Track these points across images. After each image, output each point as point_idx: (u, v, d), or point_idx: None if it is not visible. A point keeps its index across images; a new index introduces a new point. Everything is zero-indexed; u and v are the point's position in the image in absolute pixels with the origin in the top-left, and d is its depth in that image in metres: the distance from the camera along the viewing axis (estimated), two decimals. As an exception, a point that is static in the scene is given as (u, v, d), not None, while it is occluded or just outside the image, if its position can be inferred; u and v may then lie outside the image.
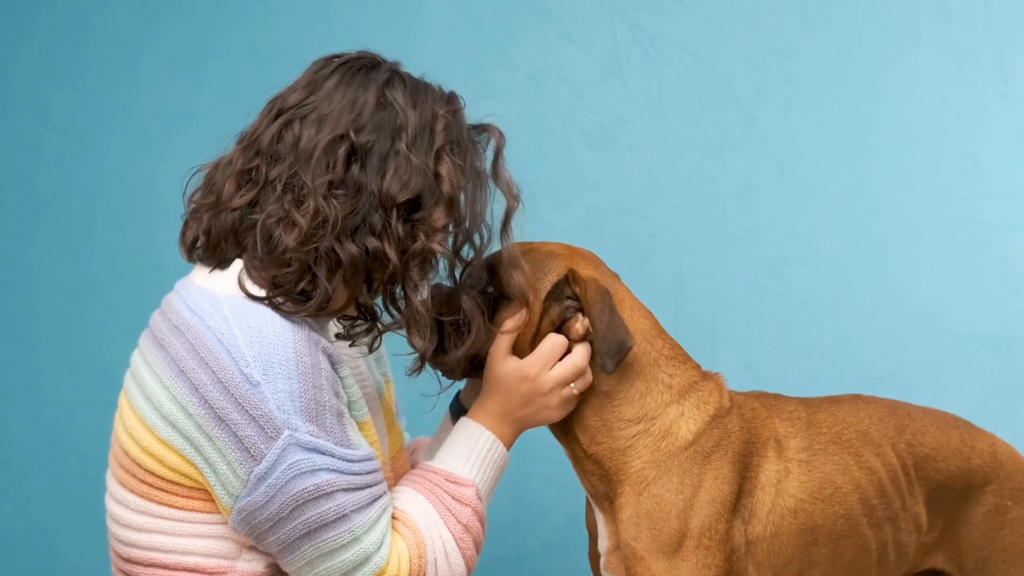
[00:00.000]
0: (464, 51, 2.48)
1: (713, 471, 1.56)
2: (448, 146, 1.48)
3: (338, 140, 1.45)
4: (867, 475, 1.65)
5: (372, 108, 1.45)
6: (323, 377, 1.42)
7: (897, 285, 2.34)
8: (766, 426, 1.63)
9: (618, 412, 1.59)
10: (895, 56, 2.36)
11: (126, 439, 1.48)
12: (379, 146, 1.45)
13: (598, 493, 1.63)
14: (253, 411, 1.39)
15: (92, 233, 2.61)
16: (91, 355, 2.58)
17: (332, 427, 1.43)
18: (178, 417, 1.42)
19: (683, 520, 1.55)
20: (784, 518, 1.59)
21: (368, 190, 1.44)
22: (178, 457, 1.44)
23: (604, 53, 2.44)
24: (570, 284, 1.58)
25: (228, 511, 1.44)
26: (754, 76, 2.40)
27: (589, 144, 2.45)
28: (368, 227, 1.44)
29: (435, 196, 1.46)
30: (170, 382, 1.43)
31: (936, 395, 2.12)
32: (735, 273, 2.39)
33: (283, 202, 1.43)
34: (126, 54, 2.62)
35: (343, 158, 1.43)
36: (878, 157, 2.36)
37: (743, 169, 2.40)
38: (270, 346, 1.40)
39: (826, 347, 2.35)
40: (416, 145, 1.46)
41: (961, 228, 2.33)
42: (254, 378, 1.39)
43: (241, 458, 1.40)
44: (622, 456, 1.58)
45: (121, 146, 2.61)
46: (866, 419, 1.69)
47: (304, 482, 1.41)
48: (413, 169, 1.45)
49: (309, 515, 1.42)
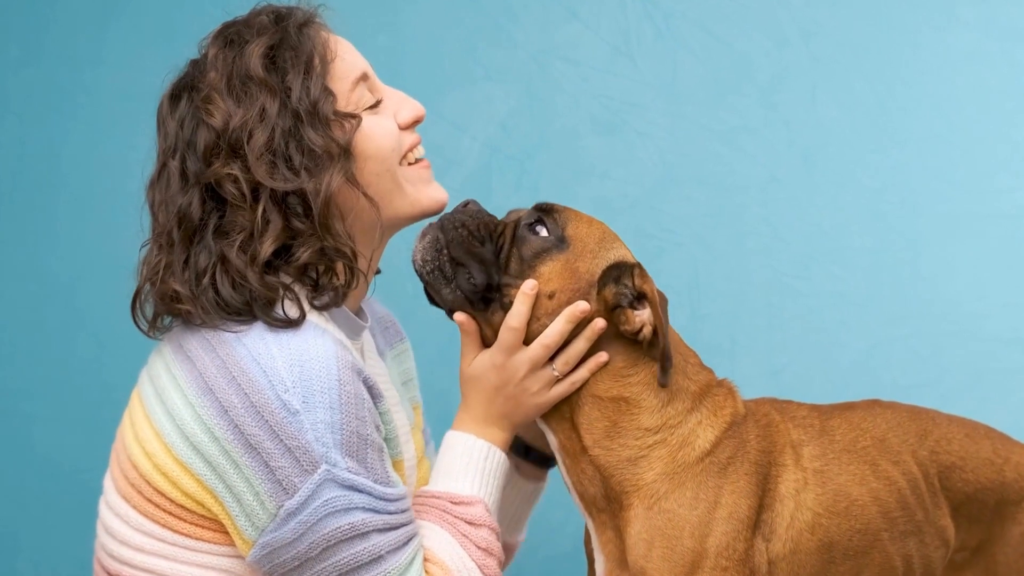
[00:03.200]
0: (459, 28, 2.47)
1: (731, 484, 1.55)
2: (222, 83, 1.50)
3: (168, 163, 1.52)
4: (885, 485, 1.62)
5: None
6: (365, 409, 1.43)
7: (933, 285, 2.33)
8: (781, 432, 1.61)
9: (637, 420, 1.56)
10: (930, 34, 2.35)
11: (137, 452, 1.47)
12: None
13: (588, 497, 1.60)
14: (289, 441, 1.38)
15: (53, 228, 2.58)
16: (52, 359, 2.55)
17: (373, 463, 1.44)
18: (202, 439, 1.42)
19: (699, 538, 1.52)
20: (802, 534, 1.57)
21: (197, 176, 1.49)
22: (195, 483, 1.43)
23: (613, 31, 2.44)
24: (634, 276, 1.56)
25: (249, 545, 1.43)
26: (776, 56, 2.39)
27: (596, 130, 2.44)
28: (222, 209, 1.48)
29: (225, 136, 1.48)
30: (196, 400, 1.42)
31: (976, 405, 2.09)
32: (756, 272, 2.38)
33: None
34: (89, 29, 2.58)
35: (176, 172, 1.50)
36: (911, 145, 2.35)
37: (764, 158, 2.39)
38: (312, 372, 1.40)
39: (856, 353, 2.35)
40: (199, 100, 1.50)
41: (1002, 222, 2.31)
42: (293, 406, 1.38)
43: (272, 490, 1.40)
44: (632, 467, 1.55)
45: (84, 132, 2.58)
46: (883, 424, 1.67)
47: (338, 521, 1.41)
48: (206, 132, 1.48)
49: (341, 556, 1.42)
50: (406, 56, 2.45)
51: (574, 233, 1.56)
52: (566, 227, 1.56)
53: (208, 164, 1.46)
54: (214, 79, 1.48)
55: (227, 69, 1.48)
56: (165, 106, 1.52)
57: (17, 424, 2.56)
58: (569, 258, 1.56)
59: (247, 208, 1.45)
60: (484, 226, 1.56)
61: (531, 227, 1.56)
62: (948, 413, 1.75)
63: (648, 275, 1.57)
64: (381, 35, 2.46)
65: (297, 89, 1.46)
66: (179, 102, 1.50)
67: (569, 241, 1.56)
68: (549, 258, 1.55)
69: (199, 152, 1.47)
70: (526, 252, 1.55)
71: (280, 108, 1.46)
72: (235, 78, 1.47)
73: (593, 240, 1.57)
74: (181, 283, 1.46)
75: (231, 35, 1.51)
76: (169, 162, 1.49)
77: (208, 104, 1.47)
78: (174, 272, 1.46)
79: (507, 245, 1.55)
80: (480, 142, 2.43)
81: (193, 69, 1.52)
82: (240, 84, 1.47)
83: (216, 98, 1.46)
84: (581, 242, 1.56)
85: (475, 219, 1.56)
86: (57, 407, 2.50)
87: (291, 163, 1.46)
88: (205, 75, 1.49)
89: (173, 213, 1.47)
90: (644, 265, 1.59)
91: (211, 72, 1.48)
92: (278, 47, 1.49)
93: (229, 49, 1.49)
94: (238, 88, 1.47)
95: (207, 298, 1.44)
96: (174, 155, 1.49)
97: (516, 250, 1.55)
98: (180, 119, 1.49)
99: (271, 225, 1.45)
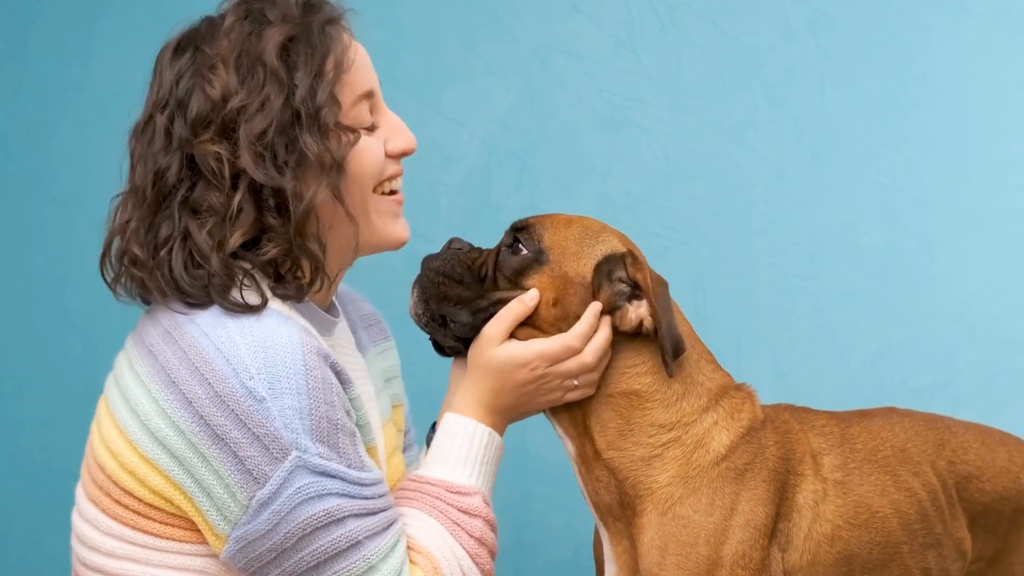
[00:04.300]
0: (458, 21, 2.48)
1: (748, 491, 1.54)
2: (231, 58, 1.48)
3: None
4: (906, 496, 1.62)
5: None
6: (334, 394, 1.42)
7: (945, 285, 2.33)
8: (801, 440, 1.61)
9: (650, 416, 1.55)
10: (942, 27, 2.34)
11: (103, 453, 1.46)
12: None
13: (603, 505, 1.59)
14: (257, 429, 1.38)
15: (41, 227, 2.59)
16: (40, 361, 2.56)
17: (345, 448, 1.43)
18: (167, 434, 1.41)
19: (714, 546, 1.51)
20: (821, 546, 1.56)
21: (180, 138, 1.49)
22: (162, 479, 1.42)
23: (616, 24, 2.44)
24: (627, 267, 1.55)
25: (222, 540, 1.42)
26: (783, 49, 2.39)
27: (599, 126, 2.44)
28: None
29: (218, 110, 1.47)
30: (159, 394, 1.41)
31: (989, 409, 2.12)
32: (762, 272, 2.38)
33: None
34: (78, 23, 2.59)
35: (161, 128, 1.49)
36: (923, 141, 2.34)
37: (771, 155, 2.39)
38: (276, 358, 1.39)
39: (865, 355, 2.35)
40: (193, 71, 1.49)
41: (1017, 220, 2.31)
42: (259, 393, 1.38)
43: (242, 481, 1.39)
44: (645, 468, 1.54)
45: (73, 129, 2.58)
46: (902, 434, 1.67)
47: (313, 508, 1.40)
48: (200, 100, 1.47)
49: (318, 544, 1.41)
50: (403, 50, 2.47)
51: (551, 241, 1.56)
52: (542, 239, 1.56)
53: (195, 134, 1.44)
54: (224, 49, 1.46)
55: (239, 44, 1.46)
56: (167, 56, 1.49)
57: (4, 427, 2.56)
58: (553, 267, 1.56)
59: (223, 192, 1.44)
60: (461, 264, 1.58)
61: (510, 248, 1.57)
62: (962, 420, 1.74)
63: (641, 260, 1.57)
64: (378, 29, 2.43)
65: (303, 89, 1.46)
66: (182, 56, 1.48)
67: (548, 251, 1.56)
68: (533, 272, 1.56)
69: (189, 117, 1.45)
70: (508, 273, 1.56)
71: (283, 103, 1.45)
72: (245, 56, 1.46)
73: (573, 241, 1.57)
74: (140, 247, 1.45)
75: (254, 8, 1.49)
76: (157, 116, 1.47)
77: (211, 72, 1.45)
78: (138, 234, 1.46)
79: (490, 272, 1.57)
80: (479, 139, 2.43)
81: (205, 28, 1.49)
82: (248, 64, 1.46)
83: (220, 69, 1.45)
84: (560, 247, 1.56)
85: (451, 260, 1.58)
86: (45, 409, 2.50)
87: (277, 160, 1.45)
88: (216, 40, 1.47)
89: (151, 171, 1.46)
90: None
91: (223, 40, 1.46)
92: (296, 39, 1.48)
93: (247, 23, 1.48)
94: (246, 68, 1.45)
95: (162, 272, 1.45)
96: (163, 110, 1.46)
97: (500, 274, 1.56)
98: (178, 74, 1.47)
99: (243, 215, 1.45)
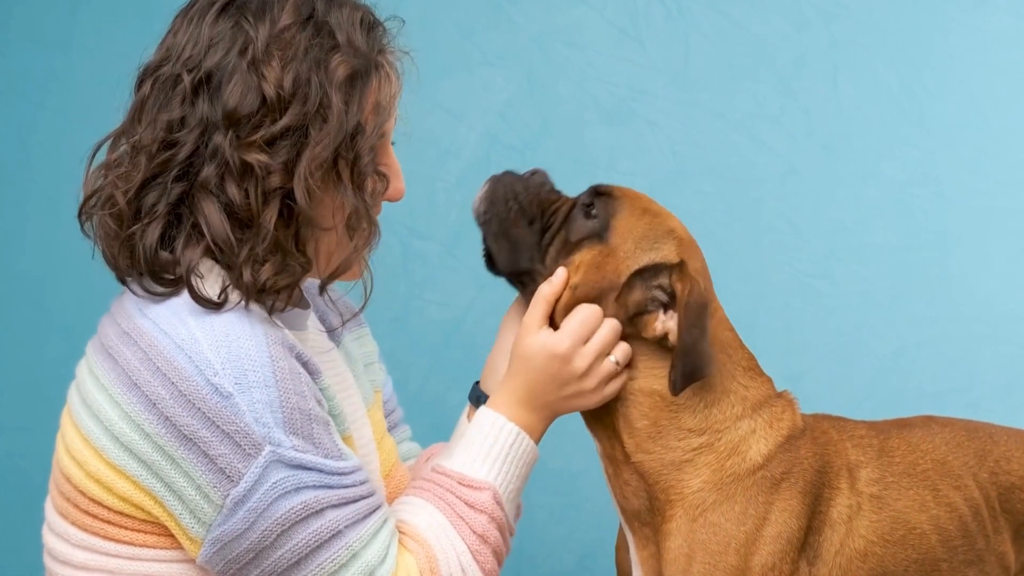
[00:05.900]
0: (456, 10, 2.48)
1: (782, 501, 1.53)
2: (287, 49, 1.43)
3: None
4: (947, 512, 1.61)
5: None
6: (303, 384, 1.41)
7: (963, 285, 2.33)
8: (839, 453, 1.60)
9: (677, 419, 1.54)
10: (959, 16, 2.34)
11: (68, 463, 1.44)
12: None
13: (631, 510, 1.58)
14: (227, 426, 1.36)
15: (21, 223, 2.59)
16: (20, 365, 2.56)
17: (321, 438, 1.41)
18: (132, 438, 1.39)
19: (743, 556, 1.51)
20: (852, 562, 1.55)
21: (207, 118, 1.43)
22: (130, 484, 1.40)
23: (620, 12, 2.44)
24: (672, 276, 1.54)
25: (197, 544, 1.40)
26: (795, 39, 2.39)
27: (603, 119, 2.44)
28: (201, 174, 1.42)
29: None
30: (122, 397, 1.39)
31: (1008, 413, 2.07)
32: (773, 271, 2.38)
33: None
34: (59, 9, 2.58)
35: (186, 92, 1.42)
36: (940, 134, 2.35)
37: (783, 149, 2.39)
38: (240, 351, 1.38)
39: (881, 357, 2.35)
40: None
41: None
42: (225, 389, 1.36)
43: (214, 480, 1.37)
44: (676, 472, 1.54)
45: (54, 121, 2.58)
46: (943, 446, 1.64)
47: (290, 502, 1.38)
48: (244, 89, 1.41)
49: (298, 539, 1.39)
50: (399, 39, 2.39)
51: (617, 225, 1.55)
52: (613, 216, 1.55)
53: (230, 124, 1.38)
54: (281, 45, 1.40)
55: (301, 55, 1.41)
56: (214, 11, 1.42)
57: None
58: (602, 252, 1.55)
59: (252, 200, 1.40)
60: (539, 203, 1.57)
61: (585, 209, 1.56)
62: (1004, 426, 1.73)
63: (689, 274, 1.55)
64: (380, 16, 2.43)
65: (353, 117, 1.43)
66: (226, 19, 1.41)
67: (609, 233, 1.55)
68: (587, 246, 1.55)
69: (225, 102, 1.39)
70: (572, 235, 1.55)
71: (339, 142, 1.42)
72: (307, 73, 1.41)
73: (632, 238, 1.55)
74: (123, 196, 1.41)
75: (318, 13, 1.44)
76: (183, 74, 1.40)
77: (265, 66, 1.39)
78: (126, 189, 1.41)
79: (558, 224, 1.55)
80: (478, 131, 2.43)
81: (257, 5, 1.43)
82: (309, 83, 1.41)
83: (275, 69, 1.40)
84: (620, 237, 1.54)
85: (531, 194, 1.57)
86: (25, 414, 2.48)
87: (313, 191, 1.42)
88: (268, 26, 1.41)
89: (159, 135, 1.40)
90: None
91: (281, 35, 1.41)
92: (358, 75, 1.45)
93: (310, 30, 1.43)
94: (305, 85, 1.41)
95: (132, 243, 1.41)
96: (189, 71, 1.40)
97: (564, 231, 1.55)
98: (217, 37, 1.41)
99: (263, 229, 1.40)
